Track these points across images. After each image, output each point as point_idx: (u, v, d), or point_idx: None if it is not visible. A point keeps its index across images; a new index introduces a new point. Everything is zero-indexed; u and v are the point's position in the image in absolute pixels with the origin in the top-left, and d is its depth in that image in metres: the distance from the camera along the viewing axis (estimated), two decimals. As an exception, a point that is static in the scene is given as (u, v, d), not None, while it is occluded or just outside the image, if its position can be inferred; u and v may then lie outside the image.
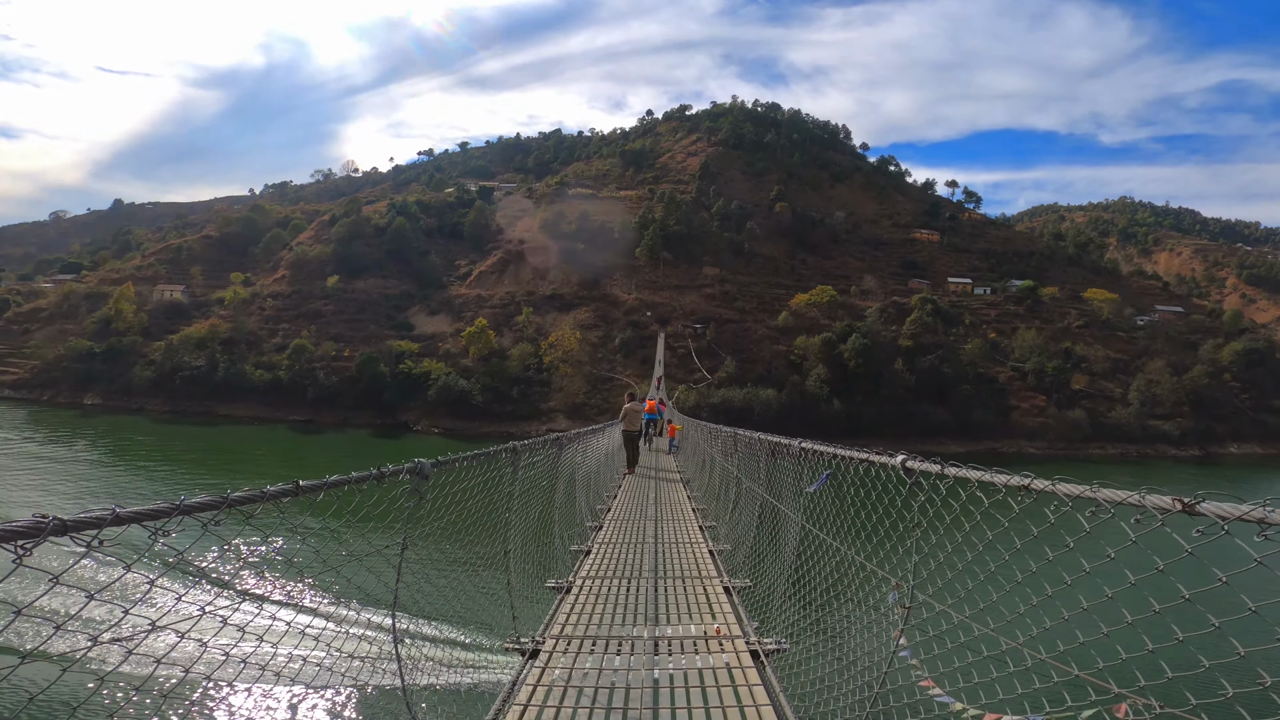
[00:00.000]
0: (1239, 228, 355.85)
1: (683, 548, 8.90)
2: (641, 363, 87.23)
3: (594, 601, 6.52)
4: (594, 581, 7.23)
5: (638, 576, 7.40)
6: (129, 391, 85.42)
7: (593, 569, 7.84)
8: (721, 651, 5.17)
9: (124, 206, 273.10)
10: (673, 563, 8.09)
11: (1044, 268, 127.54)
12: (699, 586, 7.04)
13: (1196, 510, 1.91)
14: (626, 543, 9.18)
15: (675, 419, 30.24)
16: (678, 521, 10.87)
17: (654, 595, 6.63)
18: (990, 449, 78.27)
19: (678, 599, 6.58)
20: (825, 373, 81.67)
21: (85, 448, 55.78)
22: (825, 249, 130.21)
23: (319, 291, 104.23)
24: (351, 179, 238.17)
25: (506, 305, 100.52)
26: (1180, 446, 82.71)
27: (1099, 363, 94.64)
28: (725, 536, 9.48)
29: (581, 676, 4.70)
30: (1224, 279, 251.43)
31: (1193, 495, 1.95)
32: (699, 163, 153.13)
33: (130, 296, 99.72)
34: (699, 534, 9.88)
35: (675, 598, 6.62)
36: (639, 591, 6.83)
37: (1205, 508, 1.89)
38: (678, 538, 9.55)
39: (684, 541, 9.30)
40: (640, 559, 8.23)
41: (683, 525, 10.56)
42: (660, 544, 9.03)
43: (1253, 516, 1.76)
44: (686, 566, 7.93)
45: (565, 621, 5.93)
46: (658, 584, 7.06)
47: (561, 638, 5.53)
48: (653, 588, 6.88)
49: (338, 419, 79.47)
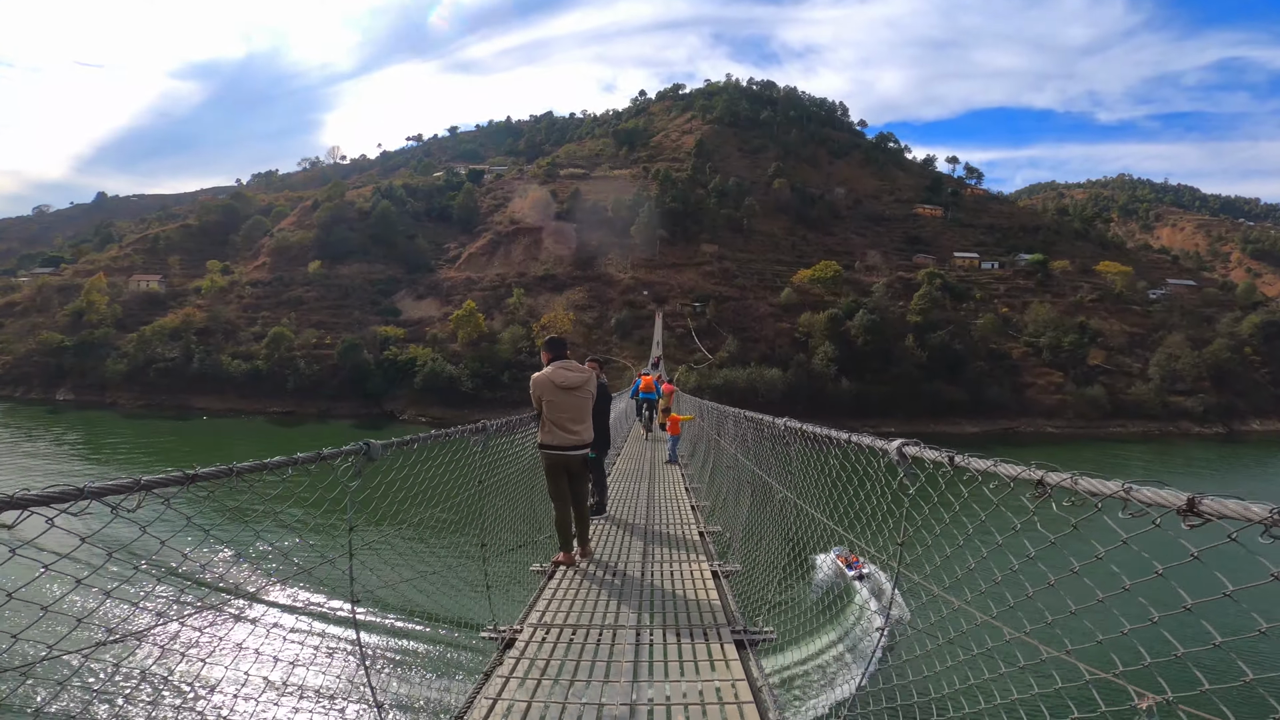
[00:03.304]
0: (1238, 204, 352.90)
1: (673, 528, 8.67)
2: (639, 343, 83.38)
3: (578, 587, 6.19)
4: (580, 565, 6.85)
5: (625, 559, 7.13)
6: (101, 386, 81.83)
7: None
8: (705, 641, 4.78)
9: (108, 200, 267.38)
10: (662, 545, 7.84)
11: (1051, 242, 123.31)
12: (687, 570, 6.72)
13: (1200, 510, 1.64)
14: (616, 522, 8.92)
15: (682, 405, 20.82)
16: (670, 500, 10.64)
17: (641, 579, 6.38)
18: (1006, 428, 74.82)
19: (664, 583, 6.24)
20: (832, 350, 77.78)
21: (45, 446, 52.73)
22: (826, 225, 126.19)
23: (300, 278, 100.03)
24: (339, 166, 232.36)
25: (497, 287, 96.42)
26: (1203, 423, 79.17)
27: (1115, 337, 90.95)
28: (717, 518, 9.25)
29: (558, 668, 4.40)
30: (1228, 254, 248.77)
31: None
32: (694, 141, 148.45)
33: (102, 287, 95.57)
34: (690, 514, 9.58)
35: (662, 582, 6.29)
36: (625, 575, 6.53)
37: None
38: (668, 518, 9.30)
39: (675, 522, 9.05)
40: (629, 540, 8.00)
41: (674, 505, 10.24)
42: (650, 524, 8.83)
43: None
44: (675, 549, 7.68)
45: (546, 609, 5.59)
46: (645, 568, 6.80)
47: (540, 625, 5.20)
48: (640, 572, 6.65)
49: (320, 410, 75.75)
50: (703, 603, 5.70)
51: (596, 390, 7.18)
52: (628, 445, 17.79)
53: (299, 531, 5.18)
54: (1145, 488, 1.67)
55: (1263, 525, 1.37)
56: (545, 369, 6.54)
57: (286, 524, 4.81)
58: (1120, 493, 1.72)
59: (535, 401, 6.53)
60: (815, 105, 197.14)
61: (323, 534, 14.87)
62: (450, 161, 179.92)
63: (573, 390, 6.47)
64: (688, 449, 15.49)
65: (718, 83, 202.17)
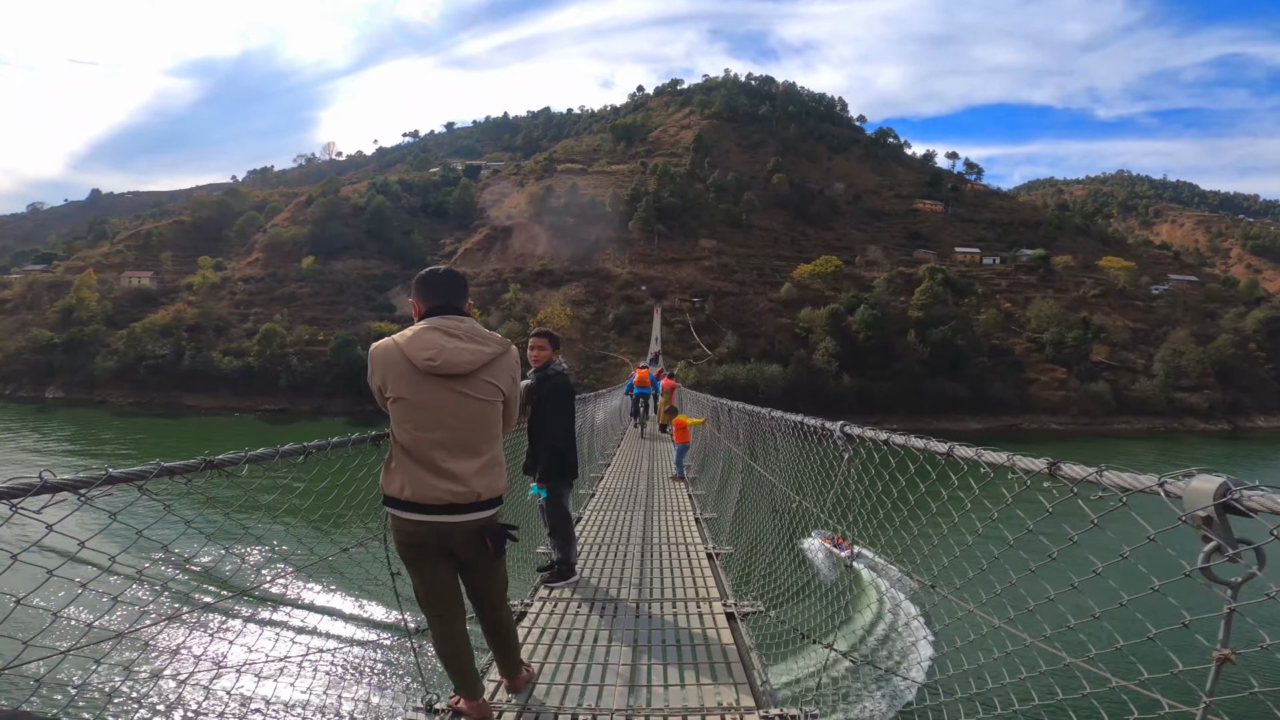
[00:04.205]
0: (1238, 200, 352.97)
1: (670, 515, 8.76)
2: (637, 339, 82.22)
3: (581, 566, 5.92)
4: (584, 547, 6.70)
5: (625, 543, 7.08)
6: (91, 383, 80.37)
7: (583, 535, 7.46)
8: (699, 614, 4.78)
9: (102, 197, 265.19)
10: (660, 529, 7.86)
11: (1053, 237, 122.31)
12: (683, 552, 6.69)
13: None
14: (617, 509, 9.06)
15: (685, 403, 17.36)
16: (668, 489, 10.77)
17: (640, 561, 6.34)
18: (1010, 425, 73.77)
19: (662, 564, 6.22)
20: (833, 346, 76.64)
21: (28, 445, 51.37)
22: (826, 220, 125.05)
23: (294, 274, 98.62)
24: (335, 162, 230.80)
25: (493, 283, 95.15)
26: (1208, 420, 78.20)
27: (1118, 333, 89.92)
28: (712, 505, 9.25)
29: (565, 636, 4.36)
30: (1228, 250, 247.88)
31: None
32: (692, 136, 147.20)
33: (92, 284, 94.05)
34: (687, 502, 9.75)
35: (660, 563, 6.29)
36: (626, 557, 6.50)
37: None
38: (666, 505, 9.46)
39: (672, 509, 9.16)
40: (630, 526, 8.02)
41: (671, 493, 10.42)
42: (649, 511, 8.94)
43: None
44: (673, 533, 7.70)
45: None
46: (644, 550, 6.76)
47: (549, 600, 5.09)
48: (639, 554, 6.60)
49: (313, 407, 74.47)
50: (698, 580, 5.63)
51: (542, 387, 4.98)
52: (619, 454, 15.31)
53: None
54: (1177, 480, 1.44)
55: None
56: (402, 332, 2.92)
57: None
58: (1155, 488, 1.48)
59: (378, 398, 2.93)
60: (814, 100, 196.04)
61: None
62: (447, 158, 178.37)
63: (454, 381, 2.82)
64: (697, 461, 12.54)
65: (716, 78, 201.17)
